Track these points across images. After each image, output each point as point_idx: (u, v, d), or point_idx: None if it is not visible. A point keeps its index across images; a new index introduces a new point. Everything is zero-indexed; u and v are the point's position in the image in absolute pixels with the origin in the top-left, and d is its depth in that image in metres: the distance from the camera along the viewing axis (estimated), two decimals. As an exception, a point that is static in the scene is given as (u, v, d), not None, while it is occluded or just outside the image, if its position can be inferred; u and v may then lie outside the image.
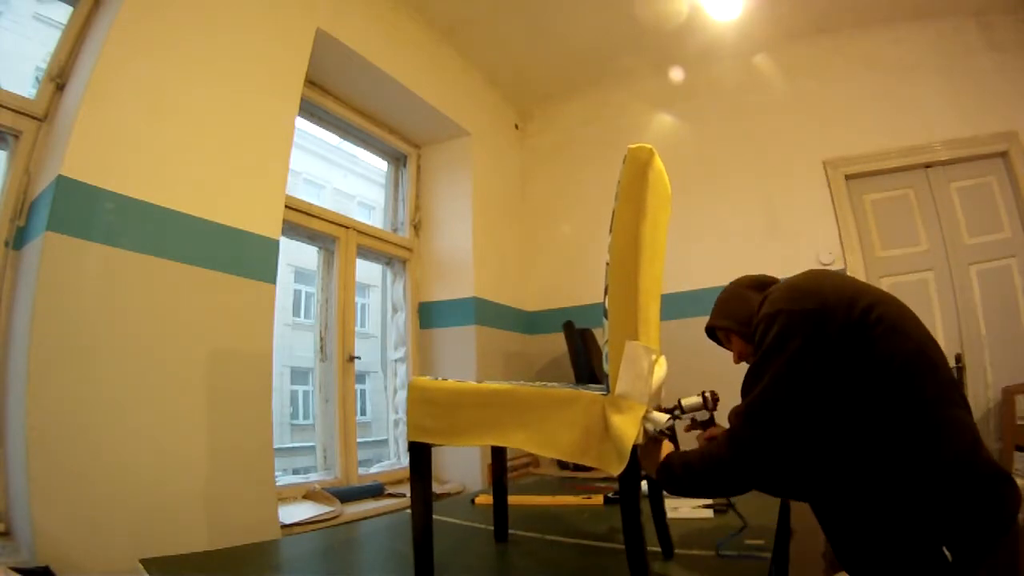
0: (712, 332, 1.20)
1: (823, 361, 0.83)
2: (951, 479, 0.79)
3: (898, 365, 0.83)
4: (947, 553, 0.79)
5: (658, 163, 0.91)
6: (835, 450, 0.84)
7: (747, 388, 0.89)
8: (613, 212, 0.86)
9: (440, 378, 0.99)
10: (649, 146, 0.88)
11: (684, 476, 0.91)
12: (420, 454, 0.97)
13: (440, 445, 0.96)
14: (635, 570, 0.82)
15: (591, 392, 0.87)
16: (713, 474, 0.88)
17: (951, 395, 0.85)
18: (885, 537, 0.83)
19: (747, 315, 1.02)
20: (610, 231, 0.86)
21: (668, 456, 0.98)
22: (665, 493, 1.09)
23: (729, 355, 1.16)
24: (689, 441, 1.08)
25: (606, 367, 0.88)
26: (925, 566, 0.80)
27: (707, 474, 0.89)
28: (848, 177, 2.82)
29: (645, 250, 0.88)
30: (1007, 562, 0.93)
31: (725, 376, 2.54)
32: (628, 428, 0.82)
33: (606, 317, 0.87)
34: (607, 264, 0.87)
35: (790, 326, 0.85)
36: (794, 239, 2.80)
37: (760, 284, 1.09)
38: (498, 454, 1.29)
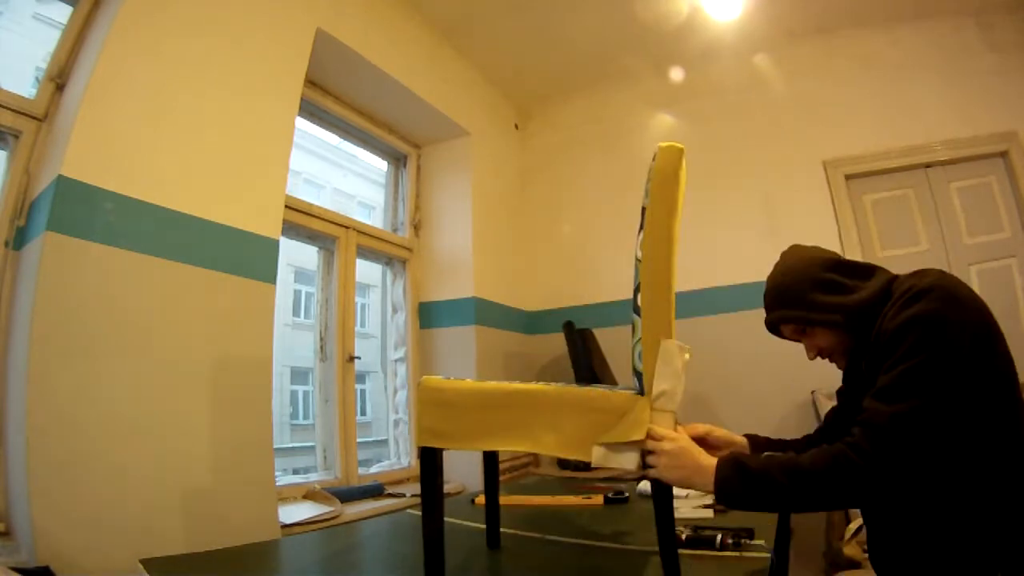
0: (775, 326, 1.11)
1: (968, 375, 0.80)
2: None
3: (1006, 390, 0.83)
4: None
5: (684, 162, 0.92)
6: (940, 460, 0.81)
7: (895, 392, 0.81)
8: (643, 208, 0.88)
9: (450, 377, 0.95)
10: (680, 145, 0.89)
11: (788, 483, 0.81)
12: (431, 460, 0.91)
13: (456, 450, 0.90)
14: (668, 568, 0.83)
15: (624, 392, 0.87)
16: (836, 483, 0.79)
17: None
18: (942, 551, 0.83)
19: (854, 304, 0.95)
20: (640, 228, 0.87)
21: (736, 457, 0.86)
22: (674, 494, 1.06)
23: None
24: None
25: (639, 366, 0.87)
26: None
27: (826, 483, 0.80)
28: (848, 177, 2.82)
29: (676, 248, 0.89)
30: None
31: (726, 376, 2.55)
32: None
33: (638, 315, 0.86)
34: (637, 261, 0.87)
35: (954, 336, 0.81)
36: (794, 239, 2.73)
37: (843, 268, 1.03)
38: (490, 456, 1.25)
